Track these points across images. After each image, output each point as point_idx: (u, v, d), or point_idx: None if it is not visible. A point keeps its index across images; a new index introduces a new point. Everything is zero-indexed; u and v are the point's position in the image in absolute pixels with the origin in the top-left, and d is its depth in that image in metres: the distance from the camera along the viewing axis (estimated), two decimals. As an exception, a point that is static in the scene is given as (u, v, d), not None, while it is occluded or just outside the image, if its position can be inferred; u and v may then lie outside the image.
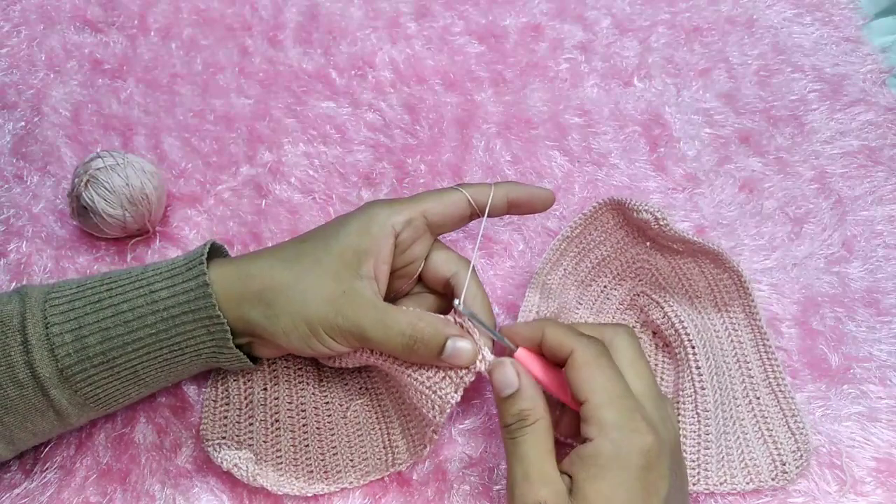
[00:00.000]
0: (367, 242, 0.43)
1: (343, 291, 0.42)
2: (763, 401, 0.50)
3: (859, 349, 0.53)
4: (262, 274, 0.42)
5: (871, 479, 0.48)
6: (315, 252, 0.43)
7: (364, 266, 0.43)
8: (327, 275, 0.42)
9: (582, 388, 0.38)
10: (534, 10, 0.70)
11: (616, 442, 0.37)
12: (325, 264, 0.42)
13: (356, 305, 0.42)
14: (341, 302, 0.41)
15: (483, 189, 0.46)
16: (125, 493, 0.47)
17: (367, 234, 0.43)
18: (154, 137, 0.62)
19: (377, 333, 0.42)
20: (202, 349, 0.43)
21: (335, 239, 0.43)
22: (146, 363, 0.42)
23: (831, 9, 0.71)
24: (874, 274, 0.56)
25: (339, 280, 0.42)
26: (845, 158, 0.62)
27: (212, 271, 0.42)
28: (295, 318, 0.42)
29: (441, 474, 0.48)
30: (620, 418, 0.37)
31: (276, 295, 0.42)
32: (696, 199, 0.60)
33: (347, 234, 0.43)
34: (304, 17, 0.69)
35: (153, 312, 0.41)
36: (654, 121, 0.64)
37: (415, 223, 0.45)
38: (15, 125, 0.62)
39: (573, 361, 0.39)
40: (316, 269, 0.42)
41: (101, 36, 0.68)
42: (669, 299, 0.51)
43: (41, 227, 0.57)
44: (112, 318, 0.41)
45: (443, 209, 0.45)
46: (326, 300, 0.41)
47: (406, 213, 0.44)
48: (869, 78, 0.66)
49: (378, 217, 0.44)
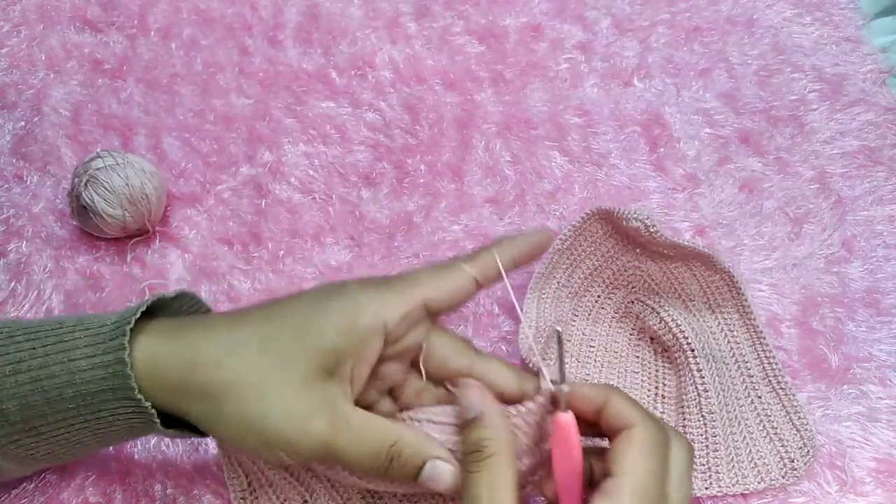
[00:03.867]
0: (350, 344, 0.35)
1: (313, 409, 0.35)
2: (765, 399, 0.50)
3: (859, 349, 0.53)
4: (209, 365, 0.35)
5: (872, 479, 0.48)
6: (283, 346, 0.35)
7: (340, 368, 0.36)
8: (295, 381, 0.35)
9: (623, 462, 0.34)
10: (534, 10, 0.70)
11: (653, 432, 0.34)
12: (295, 367, 0.35)
13: (327, 423, 0.35)
14: (310, 420, 0.34)
15: (486, 260, 0.40)
16: (125, 493, 0.47)
17: (352, 333, 0.36)
18: (154, 137, 0.62)
19: (348, 454, 0.35)
20: (133, 425, 0.37)
21: (310, 335, 0.35)
22: (73, 433, 0.37)
23: (831, 9, 0.71)
24: (874, 274, 0.56)
25: (309, 390, 0.35)
26: (845, 158, 0.62)
27: (144, 345, 0.36)
28: (247, 429, 0.35)
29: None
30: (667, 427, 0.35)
31: (227, 394, 0.35)
32: (696, 199, 0.60)
33: (326, 331, 0.35)
34: (304, 17, 0.69)
35: (70, 384, 0.35)
36: (654, 121, 0.64)
37: (412, 316, 0.37)
38: (15, 125, 0.62)
39: (631, 436, 0.34)
40: (282, 370, 0.35)
41: (101, 36, 0.68)
42: (664, 304, 0.51)
43: (41, 227, 0.57)
44: (29, 386, 0.35)
45: (448, 297, 0.38)
46: (292, 417, 0.34)
47: (402, 307, 0.37)
48: (869, 78, 0.66)
49: (366, 311, 0.36)
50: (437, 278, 0.39)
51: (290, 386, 0.35)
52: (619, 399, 0.36)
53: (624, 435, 0.35)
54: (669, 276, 0.52)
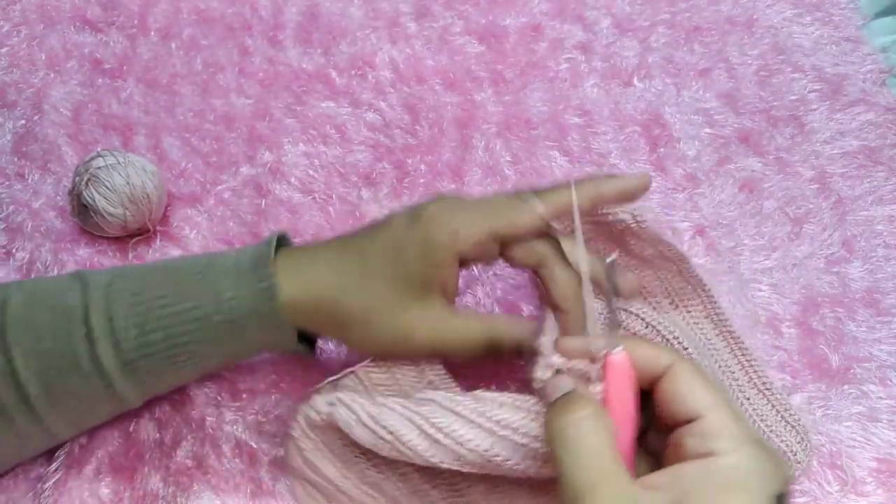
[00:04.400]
0: (431, 273, 0.41)
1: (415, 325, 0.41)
2: (753, 401, 0.49)
3: (859, 349, 0.53)
4: (330, 297, 0.41)
5: (872, 479, 0.48)
6: (379, 278, 0.41)
7: (431, 285, 0.41)
8: (395, 305, 0.41)
9: (699, 397, 0.32)
10: (534, 10, 0.70)
11: (756, 459, 0.30)
12: (391, 294, 0.41)
13: (429, 331, 0.41)
14: (414, 333, 0.41)
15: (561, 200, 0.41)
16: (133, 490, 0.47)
17: (431, 264, 0.41)
18: (154, 137, 0.62)
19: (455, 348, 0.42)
20: (266, 345, 0.44)
21: (395, 268, 0.41)
22: (208, 358, 0.43)
23: (831, 9, 0.71)
24: (874, 274, 0.56)
25: (406, 307, 0.41)
26: (845, 158, 0.62)
27: (280, 275, 0.41)
28: (369, 345, 0.43)
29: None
30: (757, 437, 0.31)
31: (348, 325, 0.42)
32: (696, 199, 0.60)
33: (408, 264, 0.41)
34: (304, 17, 0.69)
35: (218, 312, 0.41)
36: (654, 121, 0.64)
37: (481, 244, 0.41)
38: (15, 123, 0.62)
39: (676, 374, 0.33)
40: (383, 299, 0.41)
41: (101, 36, 0.68)
42: (647, 310, 0.49)
43: (41, 222, 0.57)
44: (176, 317, 0.40)
45: (515, 232, 0.41)
46: (399, 336, 0.41)
47: (472, 238, 0.41)
48: (869, 78, 0.66)
49: (440, 244, 0.40)
50: (507, 212, 0.41)
51: (391, 310, 0.41)
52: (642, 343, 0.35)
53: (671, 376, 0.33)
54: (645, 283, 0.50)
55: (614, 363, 0.34)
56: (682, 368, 0.33)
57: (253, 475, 0.48)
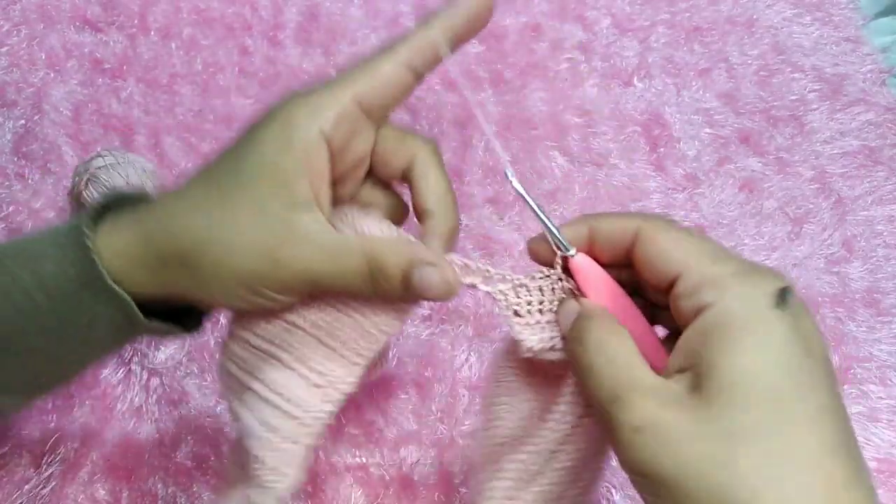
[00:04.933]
0: (292, 160, 0.32)
1: (280, 242, 0.32)
2: None
3: (859, 349, 0.53)
4: (169, 231, 0.33)
5: (872, 479, 0.48)
6: (228, 185, 0.33)
7: (296, 190, 0.32)
8: (251, 215, 0.32)
9: (672, 254, 0.29)
10: (534, 10, 0.70)
11: (746, 296, 0.27)
12: (245, 200, 0.32)
13: (297, 250, 0.32)
14: (278, 250, 0.32)
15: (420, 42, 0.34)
16: (130, 491, 0.47)
17: (289, 147, 0.32)
18: (154, 137, 0.62)
19: (331, 275, 0.33)
20: (113, 323, 0.35)
21: (247, 162, 0.33)
22: (53, 346, 0.35)
23: (831, 9, 0.71)
24: (874, 274, 0.56)
25: (266, 217, 0.32)
26: (845, 158, 0.62)
27: (107, 234, 0.34)
28: (228, 282, 0.33)
29: (444, 477, 0.48)
30: (739, 268, 0.28)
31: (198, 257, 0.33)
32: (696, 199, 0.60)
33: (262, 153, 0.32)
34: (304, 17, 0.69)
35: (40, 289, 0.33)
36: (654, 121, 0.64)
37: (348, 117, 0.33)
38: (15, 123, 0.62)
39: (646, 236, 0.30)
40: (235, 211, 0.32)
41: (101, 35, 0.68)
42: None
43: (41, 223, 0.57)
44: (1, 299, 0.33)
45: (381, 90, 0.34)
46: (260, 252, 0.32)
47: (334, 108, 0.33)
48: (869, 78, 0.66)
49: (297, 121, 0.32)
50: (365, 70, 0.33)
51: (247, 223, 0.32)
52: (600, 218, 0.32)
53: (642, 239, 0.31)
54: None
55: (578, 266, 0.32)
56: (647, 231, 0.31)
57: (253, 475, 0.48)
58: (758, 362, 0.26)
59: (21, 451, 0.47)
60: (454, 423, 0.50)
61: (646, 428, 0.27)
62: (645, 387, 0.28)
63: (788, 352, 0.27)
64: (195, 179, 0.34)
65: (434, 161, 0.36)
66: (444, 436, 0.49)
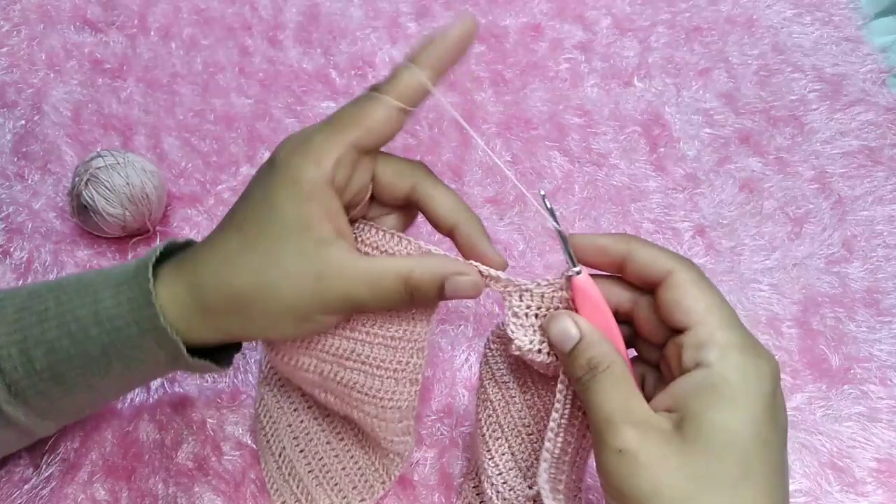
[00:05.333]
0: (307, 210, 0.36)
1: (316, 269, 0.36)
2: None
3: (860, 349, 0.53)
4: (213, 285, 0.37)
5: (872, 479, 0.48)
6: (259, 236, 0.37)
7: (320, 231, 0.36)
8: (288, 256, 0.36)
9: (692, 308, 0.33)
10: (534, 10, 0.70)
11: (743, 367, 0.32)
12: (278, 246, 0.36)
13: (335, 280, 0.36)
14: (319, 281, 0.36)
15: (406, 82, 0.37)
16: (130, 491, 0.47)
17: (301, 201, 0.36)
18: (154, 137, 0.62)
19: (370, 298, 0.36)
20: (157, 360, 0.38)
21: (268, 217, 0.36)
22: (97, 377, 0.38)
23: (831, 9, 0.71)
24: (874, 274, 0.56)
25: (302, 256, 0.36)
26: (845, 158, 0.62)
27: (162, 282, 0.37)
28: (279, 316, 0.37)
29: (444, 477, 0.48)
30: (744, 341, 0.32)
31: (249, 301, 0.36)
32: (696, 199, 0.60)
33: (279, 208, 0.36)
34: (304, 17, 0.69)
35: (97, 324, 0.37)
36: (654, 121, 0.64)
37: (346, 159, 0.36)
38: (15, 124, 0.62)
39: (675, 281, 0.34)
40: (272, 255, 0.36)
41: (101, 36, 0.68)
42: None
43: (41, 223, 0.57)
44: (56, 330, 0.37)
45: (375, 135, 0.37)
46: (303, 285, 0.36)
47: (333, 155, 0.36)
48: (869, 78, 0.66)
49: (304, 176, 0.36)
50: (355, 117, 0.37)
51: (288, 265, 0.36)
52: (643, 245, 0.35)
53: (670, 283, 0.34)
54: None
55: (580, 285, 0.35)
56: (680, 276, 0.34)
57: (254, 476, 0.48)
58: (737, 424, 0.31)
59: (21, 451, 0.47)
60: (454, 423, 0.50)
61: (629, 452, 0.31)
62: (637, 417, 0.32)
63: (762, 419, 0.31)
64: (222, 233, 0.38)
65: (433, 179, 0.39)
66: (444, 436, 0.49)
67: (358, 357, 0.40)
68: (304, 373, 0.42)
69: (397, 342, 0.40)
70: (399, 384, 0.40)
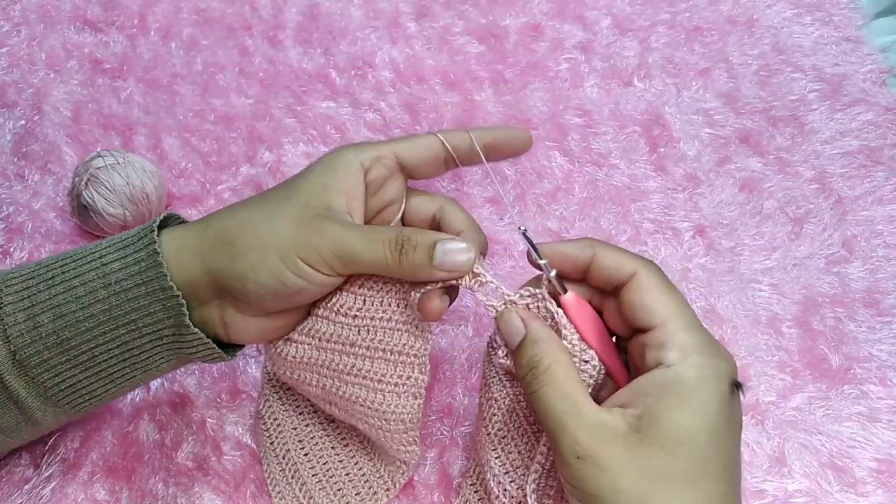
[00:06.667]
0: (334, 179, 0.39)
1: (316, 214, 0.38)
2: None
3: (860, 349, 0.53)
4: (221, 220, 0.40)
5: (872, 479, 0.48)
6: (280, 193, 0.40)
7: (335, 202, 0.39)
8: (291, 209, 0.39)
9: (654, 309, 0.35)
10: (534, 10, 0.70)
11: (701, 368, 0.33)
12: (288, 203, 0.39)
13: (332, 223, 0.38)
14: (315, 222, 0.38)
15: (459, 134, 0.42)
16: (130, 491, 0.47)
17: (332, 170, 0.40)
18: (154, 137, 0.62)
19: (360, 245, 0.38)
20: (161, 329, 0.39)
21: (300, 180, 0.40)
22: (102, 345, 0.39)
23: (831, 9, 0.71)
24: (874, 274, 0.56)
25: (305, 212, 0.38)
26: (845, 158, 0.62)
27: (167, 234, 0.39)
28: (263, 250, 0.38)
29: (444, 477, 0.48)
30: (703, 342, 0.34)
31: (240, 232, 0.38)
32: (696, 199, 0.60)
33: (311, 175, 0.40)
34: (304, 17, 0.69)
35: (105, 286, 0.38)
36: (654, 121, 0.64)
37: (384, 161, 0.41)
38: (15, 124, 0.62)
39: (638, 283, 0.35)
40: (283, 206, 0.39)
41: (101, 36, 0.68)
42: None
43: (41, 223, 0.57)
44: (64, 294, 0.38)
45: (415, 151, 0.42)
46: (298, 224, 0.38)
47: (374, 151, 0.41)
48: (869, 78, 0.66)
49: (343, 155, 0.40)
50: (407, 138, 0.42)
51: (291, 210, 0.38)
52: (606, 249, 0.37)
53: (633, 284, 0.36)
54: None
55: (569, 304, 0.37)
56: (643, 278, 0.35)
57: (253, 476, 0.48)
58: (694, 422, 0.32)
59: (21, 451, 0.47)
60: (454, 423, 0.50)
61: (587, 458, 0.32)
62: (590, 421, 0.33)
63: (718, 419, 0.33)
64: (251, 197, 0.41)
65: (458, 206, 0.43)
66: (444, 436, 0.49)
67: (359, 372, 0.40)
68: (306, 387, 0.43)
69: (397, 356, 0.40)
70: (401, 398, 0.40)
